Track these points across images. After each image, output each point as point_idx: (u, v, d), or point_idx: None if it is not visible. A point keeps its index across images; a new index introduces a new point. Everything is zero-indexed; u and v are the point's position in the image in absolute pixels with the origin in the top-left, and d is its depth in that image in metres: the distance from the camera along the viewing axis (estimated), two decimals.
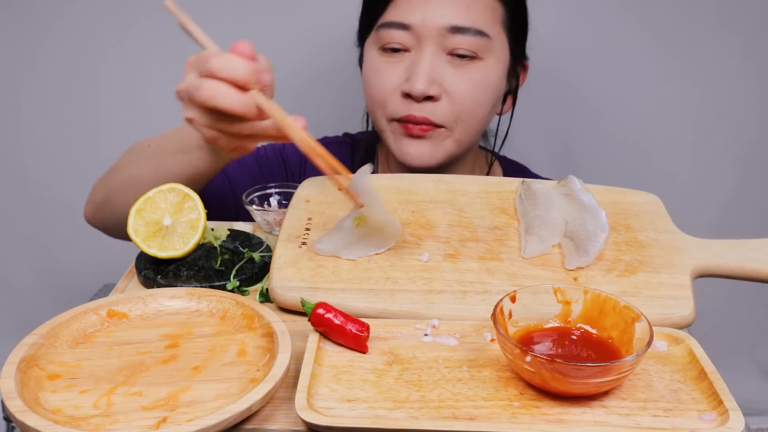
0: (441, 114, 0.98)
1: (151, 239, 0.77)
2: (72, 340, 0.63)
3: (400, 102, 0.99)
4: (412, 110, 0.98)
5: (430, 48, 0.96)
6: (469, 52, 0.96)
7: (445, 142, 1.01)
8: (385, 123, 1.02)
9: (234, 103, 0.69)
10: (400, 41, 0.98)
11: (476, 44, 0.96)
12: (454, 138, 1.01)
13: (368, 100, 1.04)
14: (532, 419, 0.55)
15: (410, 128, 0.99)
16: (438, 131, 0.99)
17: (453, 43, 0.96)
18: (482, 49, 0.97)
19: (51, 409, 0.55)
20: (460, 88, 0.97)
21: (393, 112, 1.00)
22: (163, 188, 0.78)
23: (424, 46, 0.96)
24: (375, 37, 1.01)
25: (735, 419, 0.54)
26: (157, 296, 0.69)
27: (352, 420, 0.54)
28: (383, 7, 0.99)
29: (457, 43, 0.96)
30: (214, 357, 0.62)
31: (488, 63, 0.99)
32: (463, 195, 0.86)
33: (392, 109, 1.00)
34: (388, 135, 1.03)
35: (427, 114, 0.98)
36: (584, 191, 0.83)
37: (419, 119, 0.98)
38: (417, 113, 0.98)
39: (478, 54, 0.97)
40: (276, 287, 0.71)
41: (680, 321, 0.69)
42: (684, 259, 0.75)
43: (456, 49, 0.96)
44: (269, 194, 0.94)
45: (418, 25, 0.96)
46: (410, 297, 0.70)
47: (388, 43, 0.98)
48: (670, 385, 0.59)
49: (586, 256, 0.73)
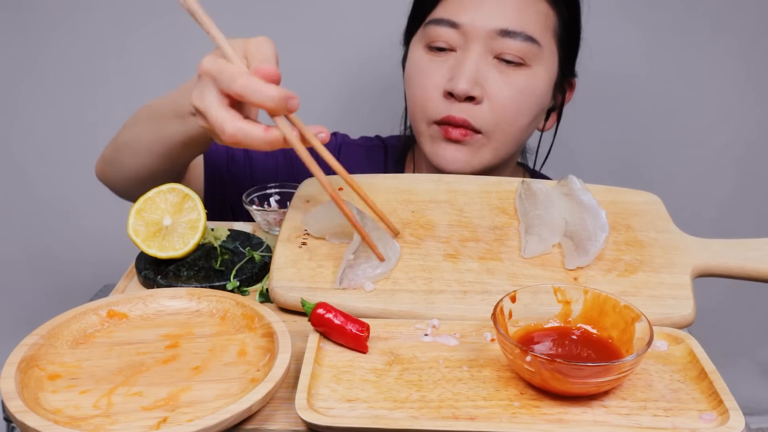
0: (481, 118, 0.95)
1: (151, 239, 0.77)
2: (72, 341, 0.63)
3: (441, 102, 0.96)
4: (452, 111, 0.95)
5: (477, 49, 0.94)
6: (517, 57, 0.94)
7: (482, 150, 0.98)
8: (425, 126, 0.99)
9: (260, 144, 0.66)
10: (447, 40, 0.95)
11: (524, 50, 0.94)
12: (492, 146, 0.98)
13: (409, 100, 1.02)
14: (532, 419, 0.55)
15: (449, 131, 0.96)
16: (476, 137, 0.97)
17: (501, 47, 0.93)
18: (530, 56, 0.94)
19: (51, 409, 0.55)
20: (502, 94, 0.95)
21: (433, 114, 0.97)
22: (163, 188, 0.78)
23: (471, 46, 0.94)
24: (422, 34, 0.98)
25: (735, 419, 0.54)
26: (157, 296, 0.69)
27: (353, 420, 0.54)
28: (433, 3, 0.97)
29: (505, 47, 0.93)
30: (214, 357, 0.62)
31: (535, 71, 0.96)
32: (463, 195, 0.86)
33: (433, 110, 0.97)
34: (425, 139, 1.00)
35: (466, 116, 0.95)
36: (584, 191, 0.83)
37: (458, 120, 0.95)
38: (457, 114, 0.95)
39: (525, 61, 0.94)
40: (276, 287, 0.71)
41: (680, 321, 0.69)
42: (684, 259, 0.75)
43: (503, 53, 0.94)
44: (269, 194, 0.94)
45: (467, 24, 0.93)
46: (410, 297, 0.70)
47: (434, 41, 0.96)
48: (670, 384, 0.59)
49: (586, 256, 0.73)
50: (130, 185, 0.96)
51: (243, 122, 0.66)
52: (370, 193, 0.85)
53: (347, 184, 0.75)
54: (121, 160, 0.94)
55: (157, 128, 0.86)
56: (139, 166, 0.92)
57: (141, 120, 0.91)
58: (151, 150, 0.89)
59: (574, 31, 1.01)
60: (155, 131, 0.87)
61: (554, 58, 0.99)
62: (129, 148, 0.92)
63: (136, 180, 0.94)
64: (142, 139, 0.89)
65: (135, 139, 0.91)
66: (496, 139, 0.97)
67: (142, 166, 0.92)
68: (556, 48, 0.98)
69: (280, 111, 0.66)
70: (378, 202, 0.83)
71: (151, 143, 0.87)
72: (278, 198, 0.94)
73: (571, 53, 1.03)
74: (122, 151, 0.93)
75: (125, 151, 0.93)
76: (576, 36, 1.02)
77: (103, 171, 1.01)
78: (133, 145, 0.91)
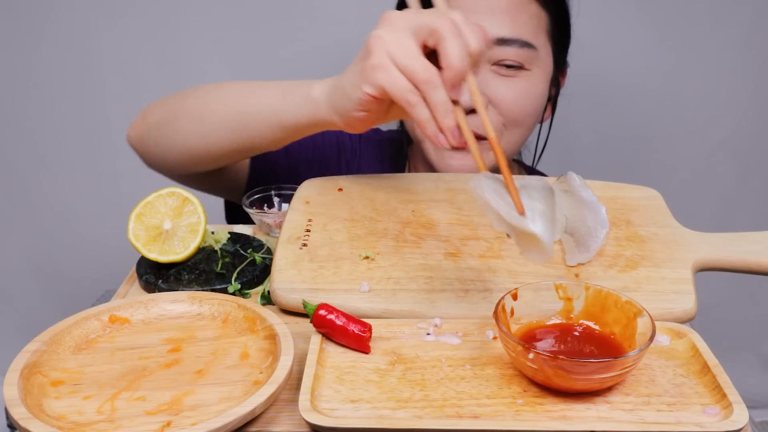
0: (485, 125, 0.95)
1: (152, 244, 0.77)
2: (74, 346, 0.63)
3: None
4: None
5: None
6: (516, 62, 0.94)
7: (489, 154, 0.95)
8: None
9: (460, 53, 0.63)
10: None
11: (522, 56, 0.93)
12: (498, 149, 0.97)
13: None
14: (536, 416, 0.55)
15: None
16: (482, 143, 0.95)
17: (499, 55, 0.93)
18: (528, 60, 0.94)
19: (54, 415, 0.55)
20: (506, 98, 0.95)
21: None
22: (163, 192, 0.78)
23: None
24: None
25: (739, 412, 0.54)
26: (159, 301, 0.69)
27: (356, 420, 0.54)
28: None
29: (503, 55, 0.93)
30: (216, 360, 0.62)
31: (534, 73, 0.96)
32: (463, 193, 0.86)
33: None
34: (427, 145, 0.99)
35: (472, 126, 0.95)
36: (584, 187, 0.82)
37: None
38: None
39: (524, 65, 0.94)
40: (277, 289, 0.71)
41: (682, 315, 0.69)
42: (685, 254, 0.75)
43: (502, 60, 0.93)
44: (269, 196, 0.94)
45: None
46: (412, 296, 0.70)
47: None
48: (673, 379, 0.59)
49: (586, 252, 0.73)
50: (175, 156, 0.91)
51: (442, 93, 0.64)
52: (370, 193, 0.85)
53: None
54: (180, 127, 0.88)
55: (248, 102, 0.82)
56: (202, 137, 0.86)
57: (227, 90, 0.86)
58: (227, 123, 0.83)
59: (564, 25, 1.02)
60: (242, 105, 0.82)
61: (549, 56, 0.99)
62: (196, 117, 0.86)
63: (191, 152, 0.89)
64: (221, 110, 0.84)
65: (211, 107, 0.86)
66: (503, 141, 0.98)
67: (206, 139, 0.86)
68: (550, 46, 0.99)
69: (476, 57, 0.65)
70: (378, 201, 0.84)
71: (231, 116, 0.82)
72: (278, 200, 0.94)
73: (564, 46, 1.04)
74: (184, 118, 0.87)
75: (189, 119, 0.87)
76: (566, 29, 1.03)
77: (142, 137, 0.94)
78: (204, 114, 0.85)
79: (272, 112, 0.80)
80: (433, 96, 0.64)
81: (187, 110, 0.88)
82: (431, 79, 0.63)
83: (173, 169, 0.93)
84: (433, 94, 0.63)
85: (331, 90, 0.74)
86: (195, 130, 0.87)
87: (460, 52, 0.63)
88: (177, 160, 0.91)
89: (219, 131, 0.85)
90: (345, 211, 0.82)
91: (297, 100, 0.77)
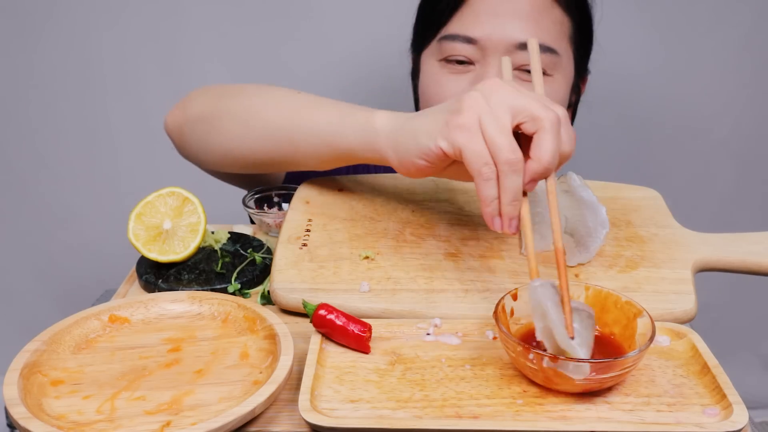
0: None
1: (152, 243, 0.77)
2: (74, 346, 0.63)
3: None
4: None
5: (496, 63, 0.91)
6: None
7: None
8: None
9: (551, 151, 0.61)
10: (465, 54, 0.92)
11: (545, 61, 0.90)
12: None
13: None
14: (535, 416, 0.55)
15: None
16: None
17: (520, 60, 0.90)
18: (551, 66, 0.92)
19: (54, 415, 0.55)
20: None
21: None
22: (163, 192, 0.78)
23: (489, 61, 0.91)
24: (437, 48, 0.95)
25: (738, 413, 0.54)
26: (159, 300, 0.69)
27: (356, 421, 0.54)
28: (447, 17, 0.93)
29: (525, 60, 0.89)
30: (216, 360, 0.62)
31: (556, 79, 0.94)
32: (463, 193, 0.86)
33: None
34: None
35: None
36: (584, 187, 0.82)
37: None
38: None
39: (546, 71, 0.92)
40: (277, 289, 0.71)
41: (682, 316, 0.69)
42: (685, 254, 0.75)
43: (524, 65, 0.90)
44: (269, 196, 0.94)
45: (484, 39, 0.90)
46: (412, 296, 0.70)
47: (451, 55, 0.93)
48: (673, 380, 0.59)
49: (586, 253, 0.73)
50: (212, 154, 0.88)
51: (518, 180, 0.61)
52: (370, 193, 0.85)
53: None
54: (225, 126, 0.84)
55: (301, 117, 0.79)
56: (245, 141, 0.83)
57: (278, 97, 0.83)
58: (275, 133, 0.80)
59: (587, 31, 1.00)
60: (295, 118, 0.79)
61: (571, 63, 0.97)
62: (242, 119, 0.82)
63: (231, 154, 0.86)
64: (270, 118, 0.80)
65: (258, 113, 0.82)
66: None
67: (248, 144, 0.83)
68: (572, 52, 0.97)
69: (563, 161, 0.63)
70: (378, 201, 0.84)
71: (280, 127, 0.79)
72: (278, 200, 0.94)
73: (585, 53, 1.02)
74: (229, 118, 0.84)
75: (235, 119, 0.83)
76: (589, 35, 1.01)
77: (182, 128, 0.90)
78: (251, 118, 0.82)
79: (327, 133, 0.76)
80: (509, 180, 0.61)
81: (234, 111, 0.84)
82: (515, 163, 0.60)
83: (209, 165, 0.89)
84: (509, 178, 0.61)
85: (397, 127, 0.70)
86: (240, 134, 0.83)
87: (554, 150, 0.61)
88: (215, 159, 0.88)
89: (265, 141, 0.82)
90: (345, 211, 0.82)
91: (356, 126, 0.74)
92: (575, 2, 0.96)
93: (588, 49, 1.02)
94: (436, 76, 0.96)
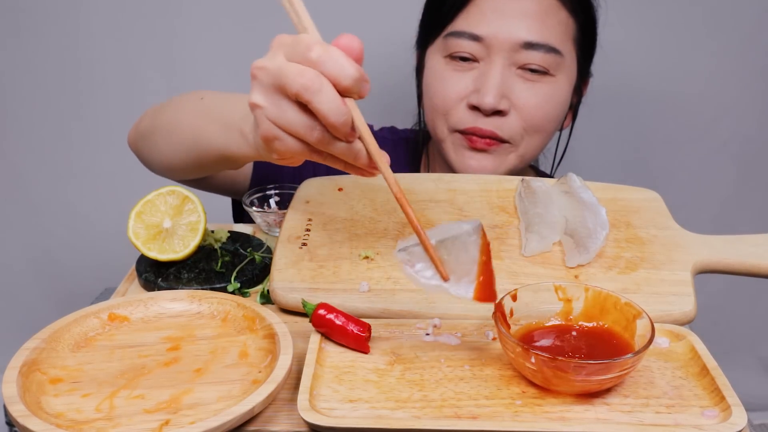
0: (508, 129, 0.95)
1: (152, 242, 0.77)
2: (73, 344, 0.63)
3: (465, 113, 0.95)
4: (479, 123, 0.94)
5: (501, 61, 0.93)
6: (541, 67, 0.93)
7: (509, 157, 0.97)
8: (447, 133, 0.98)
9: (332, 109, 0.56)
10: (470, 51, 0.94)
11: (548, 61, 0.93)
12: (518, 153, 0.98)
13: (429, 107, 1.00)
14: (534, 417, 0.55)
15: (474, 141, 0.95)
16: (503, 146, 0.96)
17: (525, 59, 0.92)
18: (554, 66, 0.94)
19: (53, 413, 0.55)
20: (530, 102, 0.94)
21: (457, 123, 0.96)
22: (163, 191, 0.78)
23: (494, 58, 0.93)
24: (442, 45, 0.97)
25: (737, 415, 0.54)
26: (158, 299, 0.69)
27: (355, 420, 0.54)
28: (453, 15, 0.95)
29: (529, 59, 0.92)
30: (215, 359, 0.62)
31: (558, 79, 0.96)
32: (463, 194, 0.86)
33: (456, 119, 0.96)
34: (447, 145, 0.99)
35: (494, 128, 0.94)
36: (584, 188, 0.83)
37: (486, 132, 0.94)
38: (484, 126, 0.94)
39: (549, 71, 0.94)
40: (277, 288, 0.71)
41: (681, 317, 0.69)
42: (684, 256, 0.75)
43: (528, 64, 0.93)
44: (269, 195, 0.94)
45: (489, 37, 0.92)
46: (411, 297, 0.70)
47: (456, 52, 0.95)
48: (672, 381, 0.59)
49: (586, 254, 0.73)
50: (158, 166, 0.93)
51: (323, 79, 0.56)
52: (370, 193, 0.85)
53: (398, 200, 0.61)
54: (156, 141, 0.88)
55: (201, 125, 0.79)
56: (170, 154, 0.87)
57: (186, 111, 0.84)
58: (185, 146, 0.83)
59: (591, 34, 1.01)
60: (194, 130, 0.80)
61: (574, 64, 0.98)
62: (166, 134, 0.86)
63: (167, 165, 0.90)
64: (181, 131, 0.83)
65: (174, 127, 0.85)
66: (523, 146, 0.97)
67: (174, 157, 0.86)
68: (576, 54, 0.98)
69: (353, 92, 0.57)
70: (378, 201, 0.84)
71: (187, 140, 0.81)
72: (278, 199, 0.94)
73: (589, 55, 1.03)
74: (159, 133, 0.88)
75: (162, 132, 0.87)
76: (593, 38, 1.02)
77: (136, 143, 0.95)
78: (170, 132, 0.85)
79: (219, 144, 0.75)
80: (335, 147, 0.59)
81: (160, 126, 0.88)
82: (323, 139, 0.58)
83: (163, 175, 0.93)
84: (333, 147, 0.59)
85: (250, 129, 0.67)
86: (166, 147, 0.87)
87: (329, 106, 0.56)
88: (162, 171, 0.93)
89: (188, 151, 0.83)
90: (345, 211, 0.82)
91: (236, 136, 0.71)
92: (580, 4, 0.97)
93: (591, 51, 1.03)
94: (440, 72, 0.97)
